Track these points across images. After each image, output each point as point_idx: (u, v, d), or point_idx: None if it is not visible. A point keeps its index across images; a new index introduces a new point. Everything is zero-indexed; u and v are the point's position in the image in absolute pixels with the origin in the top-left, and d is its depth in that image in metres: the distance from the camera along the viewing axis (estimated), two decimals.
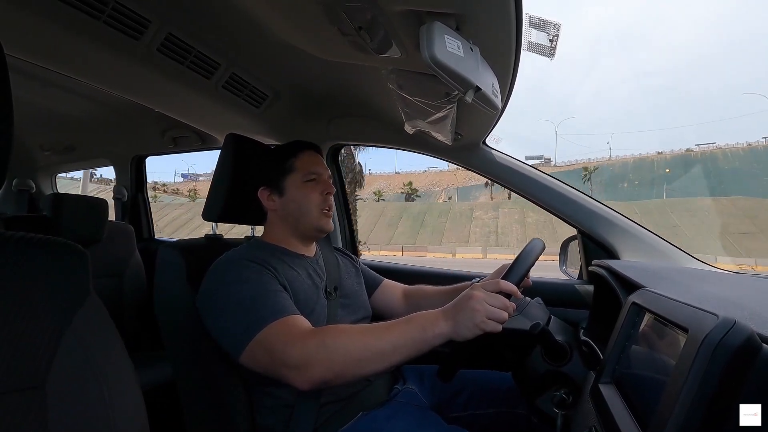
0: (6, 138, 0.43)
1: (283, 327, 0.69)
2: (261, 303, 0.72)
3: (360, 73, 1.00)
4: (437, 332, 0.65)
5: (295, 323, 0.70)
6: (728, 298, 0.59)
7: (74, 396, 0.45)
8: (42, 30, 0.80)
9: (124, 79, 1.04)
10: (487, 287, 0.68)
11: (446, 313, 0.67)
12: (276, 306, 0.72)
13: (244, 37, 0.96)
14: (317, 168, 0.93)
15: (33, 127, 1.93)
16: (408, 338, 0.66)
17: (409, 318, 0.69)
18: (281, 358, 0.66)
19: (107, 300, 0.53)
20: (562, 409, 0.79)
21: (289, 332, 0.68)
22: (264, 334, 0.68)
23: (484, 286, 0.68)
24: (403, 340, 0.66)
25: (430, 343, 0.66)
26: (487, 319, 0.64)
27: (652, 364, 0.52)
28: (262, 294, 0.73)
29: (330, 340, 0.66)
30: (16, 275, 0.44)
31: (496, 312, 0.65)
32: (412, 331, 0.66)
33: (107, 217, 1.67)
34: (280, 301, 0.73)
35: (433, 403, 0.94)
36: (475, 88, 0.65)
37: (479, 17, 0.61)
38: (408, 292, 1.14)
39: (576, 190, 1.20)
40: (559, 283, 1.25)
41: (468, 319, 0.64)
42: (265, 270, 0.78)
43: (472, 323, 0.64)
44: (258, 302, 0.72)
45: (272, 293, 0.74)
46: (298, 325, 0.70)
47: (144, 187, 2.25)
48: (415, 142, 1.31)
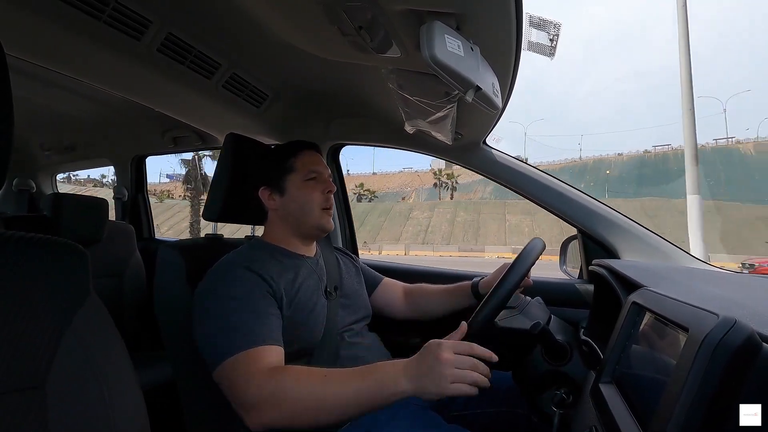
0: (6, 138, 0.43)
1: (247, 361, 0.68)
2: (239, 327, 0.71)
3: (360, 72, 1.00)
4: (398, 391, 0.62)
5: (262, 357, 0.69)
6: (729, 298, 0.59)
7: (74, 396, 0.45)
8: (42, 30, 0.80)
9: (125, 79, 1.04)
10: (459, 348, 0.62)
11: (408, 371, 0.62)
12: (251, 334, 0.71)
13: (245, 37, 0.96)
14: (317, 167, 0.93)
15: (33, 126, 1.93)
16: (364, 396, 0.63)
17: (370, 370, 0.65)
18: (237, 395, 0.67)
19: (107, 300, 0.53)
20: (561, 409, 0.79)
21: (250, 370, 0.67)
22: (230, 364, 0.69)
23: (455, 346, 0.62)
24: (358, 399, 0.63)
25: (388, 401, 0.62)
26: (456, 384, 0.59)
27: (653, 363, 0.52)
28: (243, 318, 0.72)
29: (288, 384, 0.65)
30: (16, 275, 0.44)
31: (467, 375, 0.60)
32: (370, 388, 0.63)
33: (107, 216, 1.67)
34: (256, 327, 0.72)
35: (433, 402, 0.94)
36: (475, 88, 0.65)
37: (479, 17, 0.61)
38: (408, 291, 1.13)
39: (576, 190, 1.20)
40: (560, 283, 1.25)
41: (434, 384, 0.60)
42: (260, 281, 0.78)
43: (437, 390, 0.60)
44: (236, 326, 0.71)
45: (254, 316, 0.73)
46: (264, 361, 0.68)
47: (144, 186, 2.25)
48: (415, 142, 1.31)
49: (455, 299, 1.06)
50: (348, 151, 21.71)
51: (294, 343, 0.79)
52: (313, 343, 0.82)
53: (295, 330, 0.80)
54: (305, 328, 0.81)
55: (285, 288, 0.81)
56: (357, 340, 0.90)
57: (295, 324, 0.80)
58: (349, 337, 0.89)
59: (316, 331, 0.83)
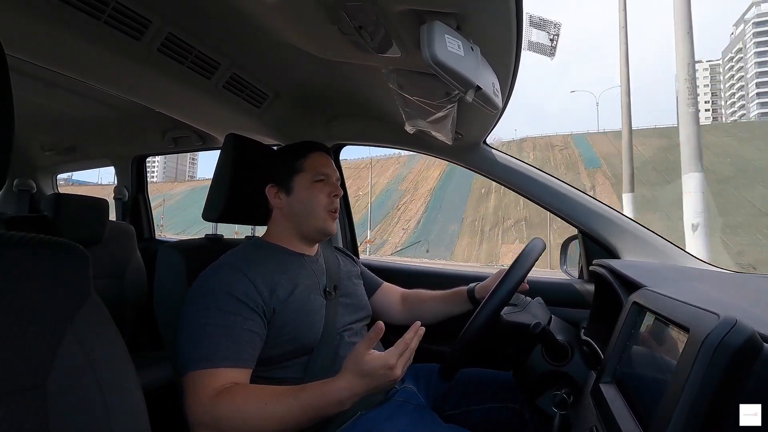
0: (7, 138, 0.43)
1: (198, 382, 0.69)
2: (204, 342, 0.71)
3: (360, 72, 0.99)
4: (343, 409, 0.67)
5: (214, 380, 0.69)
6: (729, 298, 0.59)
7: (75, 396, 0.45)
8: (42, 30, 0.80)
9: (125, 79, 1.04)
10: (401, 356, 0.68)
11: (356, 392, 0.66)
12: (213, 352, 0.71)
13: (245, 37, 0.96)
14: (326, 169, 0.93)
15: (34, 127, 1.93)
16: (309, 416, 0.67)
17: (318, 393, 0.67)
18: (186, 412, 0.68)
19: (108, 300, 0.53)
20: (562, 409, 0.79)
21: (198, 394, 0.68)
22: (187, 378, 0.70)
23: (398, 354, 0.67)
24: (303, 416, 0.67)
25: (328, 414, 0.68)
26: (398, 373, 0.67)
27: (653, 363, 0.52)
28: (211, 332, 0.72)
29: (233, 408, 0.66)
30: (17, 275, 0.45)
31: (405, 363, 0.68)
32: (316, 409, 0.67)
33: (108, 217, 1.67)
34: (222, 344, 0.71)
35: (429, 401, 0.94)
36: (475, 88, 0.65)
37: (480, 17, 0.61)
38: (405, 297, 1.14)
39: (576, 190, 1.20)
40: (560, 283, 1.25)
41: (380, 390, 0.69)
42: (246, 288, 0.77)
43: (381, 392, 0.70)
44: (202, 340, 0.72)
45: (224, 332, 0.72)
46: (215, 384, 0.68)
47: (145, 187, 2.25)
48: (415, 142, 1.31)
49: (452, 305, 1.07)
50: None
51: (292, 342, 0.80)
52: (312, 342, 0.82)
53: (292, 329, 0.80)
54: (303, 327, 0.81)
55: (279, 288, 0.80)
56: (356, 340, 0.90)
57: (293, 323, 0.80)
58: (349, 337, 0.89)
59: (315, 330, 0.83)
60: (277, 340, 0.78)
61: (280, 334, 0.79)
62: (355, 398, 0.67)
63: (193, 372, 0.69)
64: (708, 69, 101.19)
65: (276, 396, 0.68)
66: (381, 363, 0.66)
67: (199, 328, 0.73)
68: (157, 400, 1.09)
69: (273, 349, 0.78)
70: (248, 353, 0.74)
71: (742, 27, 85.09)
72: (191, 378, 0.69)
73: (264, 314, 0.77)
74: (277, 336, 0.78)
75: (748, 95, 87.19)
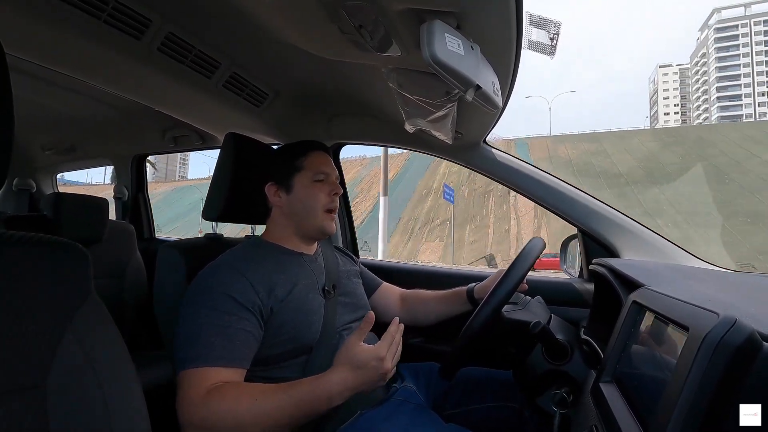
0: (6, 138, 0.43)
1: (190, 381, 0.68)
2: (199, 340, 0.71)
3: (360, 71, 0.99)
4: (336, 404, 0.68)
5: (205, 379, 0.68)
6: (729, 297, 0.59)
7: (75, 396, 0.45)
8: (42, 30, 0.80)
9: (125, 78, 1.04)
10: (389, 348, 0.70)
11: (349, 388, 0.68)
12: (213, 351, 0.70)
13: (245, 37, 0.95)
14: (326, 168, 0.94)
15: (34, 127, 1.93)
16: (302, 413, 0.67)
17: (311, 388, 0.68)
18: (177, 410, 0.68)
19: (108, 300, 0.53)
20: (561, 408, 0.79)
21: (188, 393, 0.67)
22: (181, 376, 0.69)
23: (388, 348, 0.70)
24: (297, 413, 0.66)
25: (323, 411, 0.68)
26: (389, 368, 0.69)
27: (653, 362, 0.52)
28: (206, 331, 0.72)
29: (222, 408, 0.65)
30: (16, 275, 0.45)
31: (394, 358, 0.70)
32: (310, 405, 0.67)
33: (108, 216, 1.67)
34: (217, 343, 0.71)
35: (429, 400, 0.94)
36: (475, 87, 0.64)
37: (480, 16, 0.61)
38: (405, 297, 1.14)
39: (576, 189, 1.20)
40: (560, 282, 1.25)
41: (372, 387, 0.70)
42: (243, 287, 0.76)
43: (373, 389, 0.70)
44: (198, 338, 0.71)
45: (218, 330, 0.72)
46: (206, 383, 0.68)
47: (144, 186, 2.25)
48: (415, 141, 1.31)
49: (451, 305, 1.07)
50: None
51: (291, 341, 0.80)
52: (310, 342, 0.82)
53: (291, 328, 0.80)
54: (302, 326, 0.81)
55: (277, 288, 0.80)
56: None
57: (292, 322, 0.80)
58: (348, 336, 0.89)
59: (314, 330, 0.83)
60: (276, 340, 0.78)
61: (279, 334, 0.78)
62: (348, 392, 0.67)
63: (186, 370, 0.69)
64: (677, 73, 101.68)
65: (267, 392, 0.67)
66: (372, 354, 0.67)
67: (194, 328, 0.72)
68: (157, 399, 1.09)
69: (272, 349, 0.78)
70: (243, 353, 0.73)
71: (706, 32, 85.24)
72: (184, 376, 0.69)
73: (261, 314, 0.77)
74: (275, 336, 0.78)
75: (710, 99, 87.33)
